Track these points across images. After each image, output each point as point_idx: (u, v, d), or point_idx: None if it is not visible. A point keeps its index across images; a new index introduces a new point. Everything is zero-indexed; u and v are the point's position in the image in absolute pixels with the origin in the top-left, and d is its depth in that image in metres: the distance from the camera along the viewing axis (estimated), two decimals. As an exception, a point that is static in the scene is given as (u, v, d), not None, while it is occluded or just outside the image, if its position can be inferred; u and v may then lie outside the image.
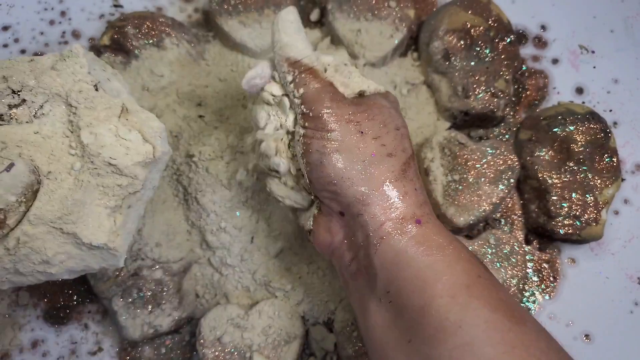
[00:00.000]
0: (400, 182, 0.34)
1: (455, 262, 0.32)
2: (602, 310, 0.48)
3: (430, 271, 0.31)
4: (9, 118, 0.32)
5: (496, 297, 0.31)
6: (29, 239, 0.31)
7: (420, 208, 0.34)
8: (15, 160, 0.30)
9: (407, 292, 0.31)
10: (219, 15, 0.50)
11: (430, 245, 0.32)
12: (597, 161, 0.47)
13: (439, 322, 0.29)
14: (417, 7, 0.53)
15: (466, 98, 0.48)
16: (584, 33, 0.54)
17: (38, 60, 0.33)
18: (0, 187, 0.29)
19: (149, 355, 0.46)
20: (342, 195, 0.34)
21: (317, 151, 0.34)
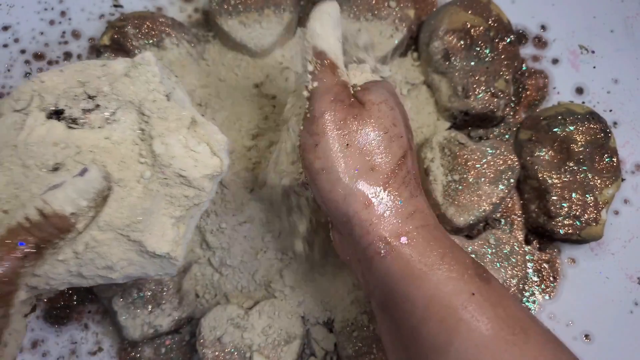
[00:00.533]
0: (383, 198, 0.32)
1: (445, 283, 0.30)
2: (602, 310, 0.48)
3: (418, 293, 0.30)
4: (82, 122, 0.32)
5: (492, 315, 0.29)
6: (97, 244, 0.31)
7: (405, 223, 0.32)
8: (89, 166, 0.30)
9: (398, 312, 0.31)
10: (219, 15, 0.50)
11: (418, 265, 0.31)
12: (597, 161, 0.47)
13: (430, 345, 0.29)
14: (417, 7, 0.53)
15: (466, 98, 0.48)
16: (584, 33, 0.54)
17: (110, 65, 0.33)
18: (74, 191, 0.29)
19: (149, 355, 0.46)
20: (331, 216, 0.33)
21: (308, 167, 0.33)
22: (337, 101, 0.33)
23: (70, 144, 0.31)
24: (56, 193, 0.29)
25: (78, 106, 0.32)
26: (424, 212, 0.33)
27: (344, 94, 0.34)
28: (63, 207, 0.28)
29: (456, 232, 0.47)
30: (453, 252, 0.32)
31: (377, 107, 0.34)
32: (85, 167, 0.30)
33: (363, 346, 0.43)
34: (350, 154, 0.32)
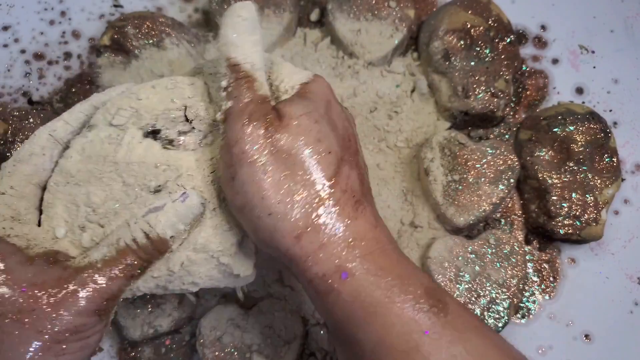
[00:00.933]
0: (314, 230, 0.28)
1: (393, 324, 0.27)
2: (602, 310, 0.48)
3: (365, 335, 0.27)
4: (178, 144, 0.33)
5: (448, 354, 0.26)
6: (191, 264, 0.32)
7: (346, 253, 0.28)
8: (189, 192, 0.31)
9: (349, 350, 0.29)
10: (219, 15, 0.50)
11: (361, 305, 0.27)
12: (597, 161, 0.47)
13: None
14: (417, 7, 0.53)
15: (466, 98, 0.48)
16: (584, 33, 0.54)
17: (198, 86, 0.34)
18: (175, 215, 0.30)
19: (149, 355, 0.46)
20: (265, 251, 0.31)
21: (230, 203, 0.31)
22: (252, 123, 0.29)
23: (171, 166, 0.32)
24: (159, 216, 0.30)
25: (175, 128, 0.33)
26: (367, 236, 0.29)
27: (259, 112, 0.29)
28: (165, 231, 0.30)
29: (456, 232, 0.47)
30: (403, 281, 0.28)
31: (297, 121, 0.29)
32: (186, 192, 0.31)
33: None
34: (270, 185, 0.28)
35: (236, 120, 0.29)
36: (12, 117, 0.46)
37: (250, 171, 0.28)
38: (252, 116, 0.29)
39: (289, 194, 0.28)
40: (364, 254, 0.28)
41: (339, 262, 0.28)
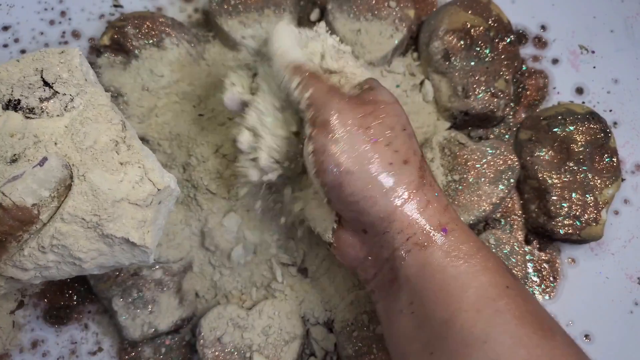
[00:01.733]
0: (421, 191, 0.32)
1: (482, 273, 0.30)
2: (602, 310, 0.48)
3: (455, 283, 0.30)
4: (40, 112, 0.31)
5: (524, 309, 0.30)
6: (63, 236, 0.30)
7: (444, 214, 0.32)
8: (48, 155, 0.29)
9: (431, 304, 0.31)
10: (219, 15, 0.50)
11: (456, 255, 0.31)
12: (597, 161, 0.47)
13: (464, 336, 0.29)
14: (417, 7, 0.53)
15: (466, 98, 0.48)
16: (584, 33, 0.54)
17: (69, 52, 0.33)
18: (34, 181, 0.28)
19: (149, 355, 0.46)
20: (365, 214, 0.32)
21: (331, 170, 0.32)
22: (343, 101, 0.33)
23: (27, 134, 0.30)
24: (16, 184, 0.28)
25: (34, 95, 0.31)
26: (452, 207, 0.34)
27: (344, 95, 0.33)
28: (23, 198, 0.28)
29: (456, 232, 0.47)
30: (485, 245, 0.33)
31: (392, 107, 0.34)
32: (45, 157, 0.29)
33: (363, 346, 0.43)
34: (379, 150, 0.32)
35: (328, 102, 0.33)
36: (12, 117, 0.46)
37: (360, 138, 0.32)
38: (341, 98, 0.33)
39: (399, 158, 0.32)
40: (456, 216, 0.33)
41: (439, 221, 0.32)
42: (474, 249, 0.31)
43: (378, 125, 0.32)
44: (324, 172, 0.32)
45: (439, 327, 0.30)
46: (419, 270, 0.31)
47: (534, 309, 0.30)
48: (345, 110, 0.32)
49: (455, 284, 0.30)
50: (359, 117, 0.32)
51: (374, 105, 0.33)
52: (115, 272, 0.44)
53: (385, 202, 0.32)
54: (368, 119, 0.32)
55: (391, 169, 0.32)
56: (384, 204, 0.32)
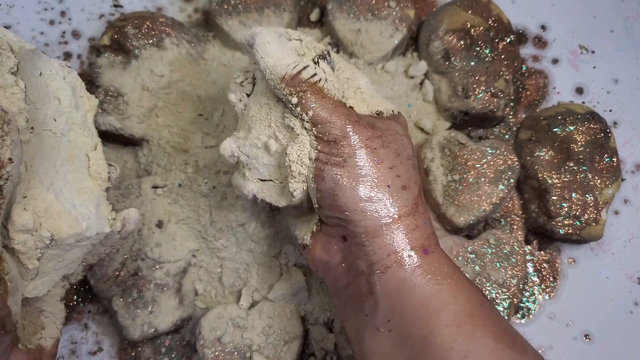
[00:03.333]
0: (412, 217, 0.33)
1: (459, 291, 0.31)
2: (602, 310, 0.48)
3: (435, 300, 0.31)
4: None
5: (498, 326, 0.31)
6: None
7: (427, 239, 0.33)
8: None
9: (410, 320, 0.31)
10: (219, 15, 0.50)
11: (435, 274, 0.32)
12: (597, 161, 0.47)
13: (444, 351, 0.29)
14: (417, 7, 0.53)
15: (466, 98, 0.48)
16: (584, 33, 0.54)
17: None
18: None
19: (148, 355, 0.46)
20: (352, 225, 0.33)
21: (330, 179, 0.32)
22: (352, 120, 0.32)
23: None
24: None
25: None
26: (436, 235, 0.35)
27: (353, 113, 0.33)
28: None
29: (456, 232, 0.47)
30: (459, 268, 0.34)
31: (400, 137, 0.35)
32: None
33: None
34: (381, 171, 0.32)
35: (336, 121, 0.32)
36: (12, 117, 0.46)
37: (366, 156, 0.32)
38: (350, 116, 0.32)
39: (399, 183, 0.33)
40: (436, 243, 0.34)
41: (424, 243, 0.33)
42: (451, 269, 0.33)
43: (384, 149, 0.33)
44: (321, 179, 0.33)
45: (418, 343, 0.30)
46: (398, 287, 0.32)
47: (506, 326, 0.31)
48: (354, 131, 0.32)
49: (434, 300, 0.31)
50: (367, 138, 0.33)
51: (383, 131, 0.34)
52: (115, 272, 0.44)
53: (373, 219, 0.32)
54: (376, 142, 0.33)
55: (388, 191, 0.32)
56: (372, 220, 0.32)
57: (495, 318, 0.31)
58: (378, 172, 0.32)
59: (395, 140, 0.34)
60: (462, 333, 0.30)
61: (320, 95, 0.32)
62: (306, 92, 0.32)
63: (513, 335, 0.31)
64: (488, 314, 0.31)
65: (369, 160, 0.32)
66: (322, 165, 0.33)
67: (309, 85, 0.32)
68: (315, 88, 0.32)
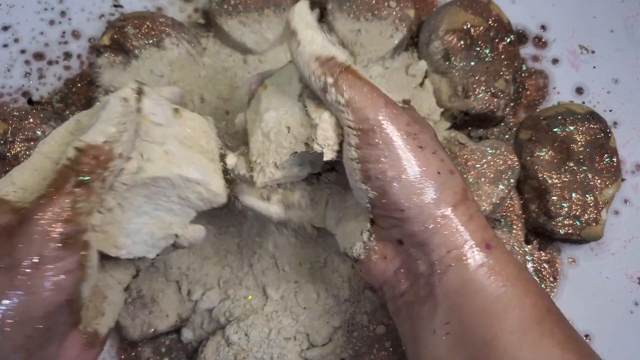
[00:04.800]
0: (465, 205, 0.30)
1: (525, 295, 0.29)
2: (602, 310, 0.48)
3: (499, 303, 0.29)
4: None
5: (565, 334, 0.29)
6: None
7: (486, 231, 0.31)
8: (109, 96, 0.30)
9: (471, 324, 0.29)
10: (219, 15, 0.50)
11: (499, 274, 0.29)
12: (597, 161, 0.47)
13: (507, 359, 0.28)
14: (417, 7, 0.53)
15: (466, 98, 0.48)
16: (584, 33, 0.54)
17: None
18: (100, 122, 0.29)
19: (148, 355, 0.46)
20: (408, 223, 0.30)
21: (377, 178, 0.30)
22: (390, 104, 0.30)
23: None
24: (88, 131, 0.29)
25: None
26: (492, 228, 0.32)
27: (388, 98, 0.30)
28: (94, 138, 0.29)
29: (456, 232, 0.47)
30: (524, 267, 0.32)
31: (426, 122, 0.33)
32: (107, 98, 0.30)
33: (363, 346, 0.43)
34: (427, 157, 0.30)
35: (374, 105, 0.29)
36: (12, 117, 0.46)
37: (407, 145, 0.30)
38: (388, 99, 0.30)
39: (445, 168, 0.31)
40: (495, 235, 0.31)
41: (482, 236, 0.30)
42: (516, 270, 0.30)
43: (423, 134, 0.31)
44: (369, 179, 0.30)
45: (478, 348, 0.29)
46: (460, 288, 0.30)
47: (573, 334, 0.30)
48: (392, 116, 0.30)
49: (499, 304, 0.29)
50: (406, 123, 0.30)
51: (413, 116, 0.32)
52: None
53: (430, 212, 0.30)
54: (414, 127, 0.30)
55: (439, 179, 0.30)
56: (429, 213, 0.30)
57: (563, 325, 0.29)
58: (423, 160, 0.30)
59: (426, 125, 0.32)
60: (528, 341, 0.28)
61: (356, 76, 0.30)
62: (342, 73, 0.30)
63: (580, 344, 0.29)
64: (556, 321, 0.29)
65: (411, 149, 0.30)
66: (367, 164, 0.30)
67: (345, 67, 0.30)
68: (351, 70, 0.30)
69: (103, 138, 0.29)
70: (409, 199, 0.30)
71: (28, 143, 0.45)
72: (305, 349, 0.44)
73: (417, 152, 0.30)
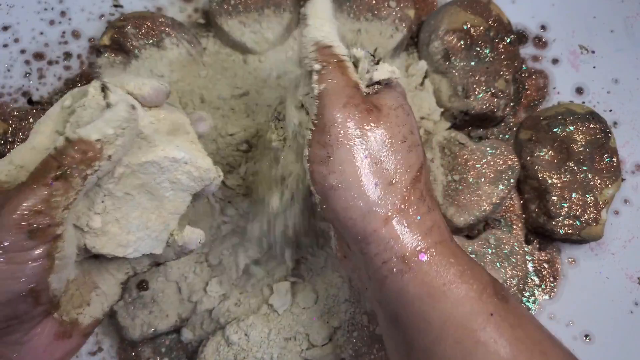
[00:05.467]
0: (402, 215, 0.30)
1: (462, 302, 0.29)
2: (602, 310, 0.48)
3: (434, 312, 0.29)
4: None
5: (510, 337, 0.28)
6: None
7: (425, 238, 0.30)
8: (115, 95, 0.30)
9: (411, 331, 0.30)
10: (219, 15, 0.50)
11: (435, 282, 0.29)
12: (597, 161, 0.47)
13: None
14: (417, 7, 0.53)
15: (466, 98, 0.48)
16: (584, 33, 0.54)
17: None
18: (102, 121, 0.29)
19: (148, 355, 0.46)
20: (345, 232, 0.31)
21: (319, 182, 0.30)
22: (350, 106, 0.30)
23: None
24: (87, 126, 0.29)
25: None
26: (441, 226, 0.31)
27: (357, 97, 0.31)
28: (88, 134, 0.28)
29: (456, 232, 0.47)
30: (471, 268, 0.30)
31: (395, 112, 0.31)
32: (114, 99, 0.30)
33: (363, 346, 0.43)
34: (368, 167, 0.30)
35: (334, 103, 0.30)
36: (12, 117, 0.46)
37: (349, 153, 0.30)
38: (351, 99, 0.30)
39: (385, 179, 0.30)
40: (439, 240, 0.31)
41: (419, 245, 0.30)
42: (455, 276, 0.30)
43: (374, 138, 0.30)
44: (314, 182, 0.31)
45: (420, 353, 0.29)
46: (396, 297, 0.30)
47: (523, 334, 0.29)
48: (344, 118, 0.30)
49: (434, 313, 0.29)
50: (357, 127, 0.30)
51: (378, 112, 0.31)
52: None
53: (363, 224, 0.30)
54: (366, 131, 0.30)
55: (375, 191, 0.30)
56: (361, 225, 0.30)
57: (508, 327, 0.28)
58: (364, 171, 0.30)
59: (389, 122, 0.31)
60: (462, 350, 0.28)
61: (341, 71, 0.31)
62: (330, 64, 0.31)
63: (530, 345, 0.28)
64: (498, 324, 0.28)
65: (355, 158, 0.30)
66: (312, 167, 0.31)
67: (338, 60, 0.31)
68: (341, 64, 0.31)
69: (97, 136, 0.28)
70: (343, 209, 0.30)
71: (28, 143, 0.45)
72: (305, 349, 0.44)
73: (359, 161, 0.30)
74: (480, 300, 0.29)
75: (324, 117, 0.30)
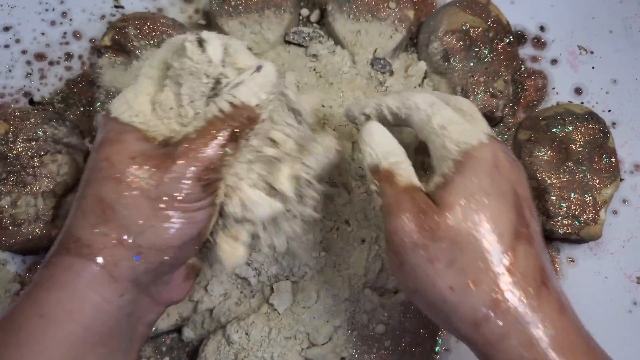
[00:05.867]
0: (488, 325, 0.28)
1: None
2: (601, 310, 0.48)
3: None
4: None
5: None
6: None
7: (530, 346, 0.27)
8: (263, 62, 0.32)
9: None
10: (220, 16, 0.50)
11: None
12: (595, 161, 0.48)
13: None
14: (416, 8, 0.53)
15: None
16: (582, 34, 0.54)
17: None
18: (255, 85, 0.31)
19: (149, 355, 0.46)
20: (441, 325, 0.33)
21: (400, 284, 0.32)
22: (404, 213, 0.30)
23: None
24: (240, 88, 0.31)
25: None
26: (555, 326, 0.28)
27: (409, 202, 0.30)
28: (249, 99, 0.31)
29: (455, 232, 0.47)
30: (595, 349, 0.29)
31: (459, 208, 0.29)
32: (260, 64, 0.32)
33: (363, 345, 0.44)
34: (439, 272, 0.28)
35: (391, 213, 0.31)
36: (13, 117, 0.46)
37: (415, 259, 0.29)
38: (402, 205, 0.30)
39: (461, 280, 0.28)
40: (555, 346, 0.27)
41: (527, 354, 0.27)
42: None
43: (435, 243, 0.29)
44: (399, 283, 0.33)
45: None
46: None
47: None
48: (400, 228, 0.30)
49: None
50: (415, 234, 0.29)
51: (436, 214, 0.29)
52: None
53: (450, 328, 0.30)
54: (425, 236, 0.29)
55: (452, 296, 0.28)
56: (449, 329, 0.30)
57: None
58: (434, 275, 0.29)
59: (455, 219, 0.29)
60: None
61: (389, 182, 0.32)
62: (381, 181, 0.32)
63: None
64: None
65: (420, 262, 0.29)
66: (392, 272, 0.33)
67: (385, 173, 0.32)
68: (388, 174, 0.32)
69: (256, 101, 0.31)
70: (428, 310, 0.31)
71: (29, 143, 0.45)
72: (306, 348, 0.44)
73: (425, 267, 0.29)
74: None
75: (386, 229, 0.32)
